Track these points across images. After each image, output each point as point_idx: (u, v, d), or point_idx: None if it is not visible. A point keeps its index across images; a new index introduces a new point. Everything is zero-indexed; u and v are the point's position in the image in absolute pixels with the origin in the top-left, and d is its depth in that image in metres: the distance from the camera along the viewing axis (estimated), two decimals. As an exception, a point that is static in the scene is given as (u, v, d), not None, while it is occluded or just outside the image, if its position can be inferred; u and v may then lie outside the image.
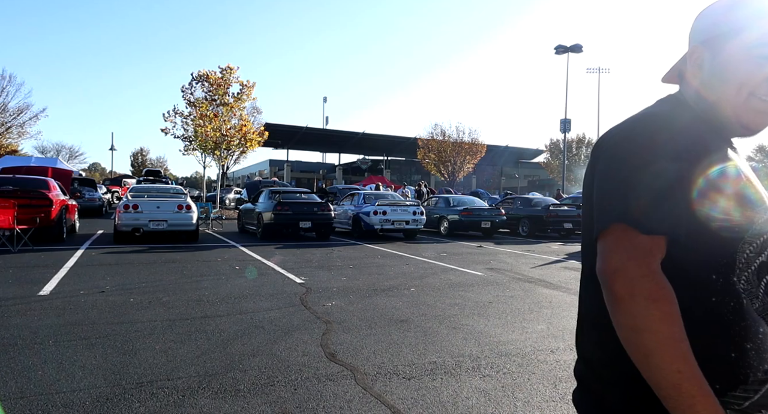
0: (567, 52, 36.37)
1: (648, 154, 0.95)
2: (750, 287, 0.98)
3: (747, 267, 0.98)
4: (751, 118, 1.02)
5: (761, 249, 0.99)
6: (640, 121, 1.03)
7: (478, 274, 8.66)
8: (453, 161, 41.92)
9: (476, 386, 3.64)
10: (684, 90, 1.12)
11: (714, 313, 0.96)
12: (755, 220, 0.99)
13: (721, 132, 1.06)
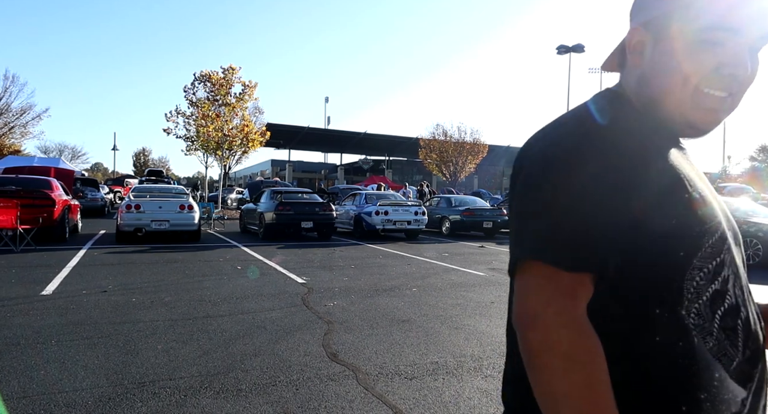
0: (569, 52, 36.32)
1: (573, 172, 0.78)
2: (702, 322, 0.80)
3: (697, 297, 0.80)
4: (699, 116, 0.86)
5: (714, 275, 0.81)
6: (567, 129, 0.85)
7: (480, 274, 8.65)
8: (455, 161, 41.90)
9: (478, 386, 3.63)
10: (624, 81, 0.94)
11: (659, 357, 0.79)
12: (705, 241, 0.81)
13: (666, 132, 0.89)
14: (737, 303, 0.84)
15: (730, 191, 21.44)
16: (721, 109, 0.86)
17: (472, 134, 42.86)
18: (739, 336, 0.82)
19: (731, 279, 0.83)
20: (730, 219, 0.90)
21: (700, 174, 0.91)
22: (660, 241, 0.79)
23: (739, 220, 11.08)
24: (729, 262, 0.84)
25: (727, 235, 0.85)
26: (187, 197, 14.01)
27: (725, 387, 0.80)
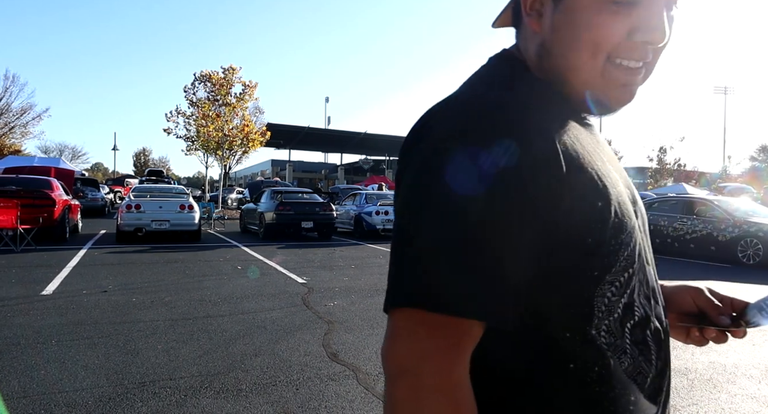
0: (569, 52, 36.20)
1: (462, 185, 0.61)
2: (614, 340, 0.69)
3: (608, 314, 0.68)
4: (612, 94, 0.71)
5: (625, 287, 0.70)
6: (469, 117, 0.65)
7: (480, 274, 8.65)
8: (455, 161, 41.83)
9: (478, 386, 3.63)
10: (522, 46, 0.77)
11: (574, 387, 0.67)
12: (621, 254, 0.68)
13: (573, 113, 0.74)
14: (645, 313, 0.72)
15: (730, 191, 21.44)
16: (635, 83, 0.72)
17: (473, 134, 42.82)
18: (651, 349, 0.72)
19: (637, 287, 0.71)
20: (637, 201, 0.76)
21: (610, 156, 0.77)
22: (572, 265, 0.66)
23: (739, 220, 11.09)
24: (638, 269, 0.71)
25: (639, 237, 0.72)
26: (187, 197, 14.02)
27: (639, 409, 0.70)
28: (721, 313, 0.82)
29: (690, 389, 3.72)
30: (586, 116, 0.77)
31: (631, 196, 0.75)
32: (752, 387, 3.81)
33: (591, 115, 0.77)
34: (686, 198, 13.58)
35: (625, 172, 0.79)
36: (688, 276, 9.03)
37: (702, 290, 0.84)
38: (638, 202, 0.76)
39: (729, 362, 4.33)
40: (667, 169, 40.49)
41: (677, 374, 4.01)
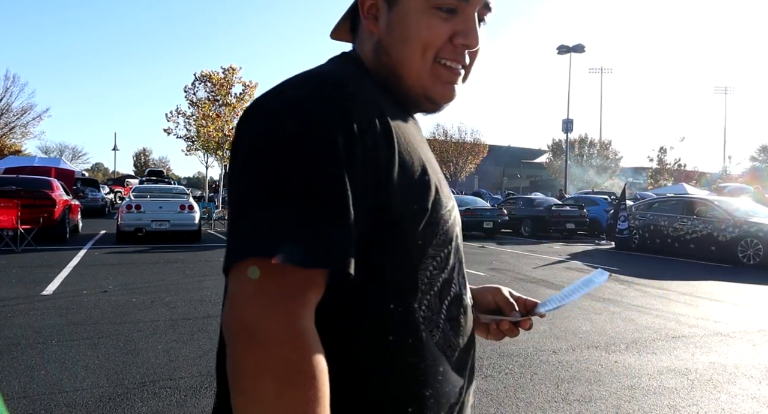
0: (569, 52, 36.28)
1: (304, 146, 0.64)
2: (431, 315, 0.74)
3: (429, 288, 0.74)
4: (439, 90, 0.80)
5: (445, 263, 0.77)
6: (296, 94, 0.69)
7: (480, 274, 8.66)
8: (455, 161, 41.92)
9: (478, 387, 3.63)
10: (360, 50, 0.84)
11: (390, 358, 0.71)
12: (440, 228, 0.75)
13: (403, 107, 0.82)
14: (460, 291, 0.80)
15: (730, 191, 21.43)
16: (457, 82, 0.82)
17: (473, 134, 42.92)
18: (461, 325, 0.80)
19: (457, 266, 0.80)
20: (452, 198, 0.86)
21: (430, 152, 0.86)
22: (399, 229, 0.71)
23: (739, 220, 11.09)
24: (455, 249, 0.79)
25: (456, 223, 0.81)
26: (187, 197, 14.02)
27: (447, 379, 0.76)
28: (514, 309, 0.95)
29: (690, 389, 3.72)
30: (413, 115, 0.86)
31: (448, 188, 0.85)
32: (752, 387, 3.81)
33: (422, 111, 0.86)
34: (686, 198, 13.60)
35: None
36: (688, 276, 9.03)
37: (500, 289, 0.98)
38: (452, 199, 0.85)
39: (729, 363, 4.33)
40: (668, 169, 40.49)
41: (677, 374, 4.01)
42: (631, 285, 7.99)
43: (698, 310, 6.37)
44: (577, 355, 4.41)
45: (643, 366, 4.19)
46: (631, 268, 9.76)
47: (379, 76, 0.81)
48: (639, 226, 13.09)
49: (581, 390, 3.64)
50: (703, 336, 5.15)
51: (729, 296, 7.30)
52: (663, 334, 5.19)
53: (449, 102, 0.83)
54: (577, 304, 6.49)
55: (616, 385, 3.75)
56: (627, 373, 4.02)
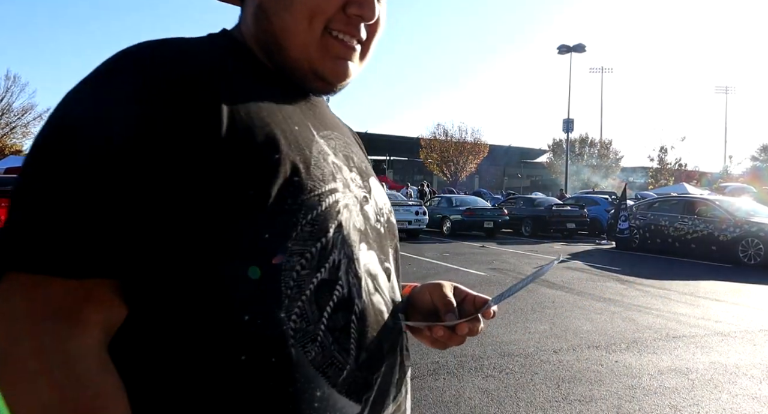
0: (570, 51, 36.30)
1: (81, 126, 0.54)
2: (305, 325, 0.60)
3: (299, 293, 0.60)
4: (329, 66, 0.69)
5: (319, 260, 0.62)
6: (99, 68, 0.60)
7: (480, 274, 8.66)
8: (455, 161, 41.92)
9: (479, 386, 3.64)
10: (244, 14, 0.74)
11: (243, 384, 0.57)
12: (301, 216, 0.61)
13: (293, 85, 0.72)
14: (350, 294, 0.64)
15: (731, 191, 21.43)
16: (351, 59, 0.71)
17: (473, 134, 42.93)
18: (351, 337, 0.64)
19: (344, 265, 0.64)
20: (372, 190, 0.75)
21: (336, 133, 0.75)
22: (235, 221, 0.58)
23: (740, 220, 11.09)
24: (340, 242, 0.64)
25: (343, 207, 0.66)
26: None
27: (330, 407, 0.60)
28: (450, 309, 0.76)
29: (691, 389, 3.72)
30: (310, 96, 0.75)
31: (362, 182, 0.74)
32: (753, 387, 3.80)
33: (314, 91, 0.75)
34: (687, 198, 13.60)
35: (364, 159, 0.80)
36: (689, 276, 9.03)
37: (441, 286, 0.80)
38: (373, 191, 0.76)
39: (730, 362, 4.33)
40: (668, 169, 40.48)
41: (678, 374, 4.01)
42: (632, 285, 7.99)
43: (699, 309, 6.37)
44: (577, 355, 4.41)
45: (644, 366, 4.19)
46: (631, 268, 9.75)
47: (261, 46, 0.70)
48: (640, 226, 13.08)
49: (582, 390, 3.64)
50: (703, 336, 5.15)
51: (730, 296, 7.29)
52: (664, 333, 5.19)
53: (342, 81, 0.73)
54: (578, 303, 6.49)
55: (617, 385, 3.75)
56: (628, 372, 4.02)
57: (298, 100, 0.72)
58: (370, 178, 0.78)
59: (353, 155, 0.76)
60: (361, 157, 0.80)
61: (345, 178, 0.69)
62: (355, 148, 0.79)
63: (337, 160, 0.70)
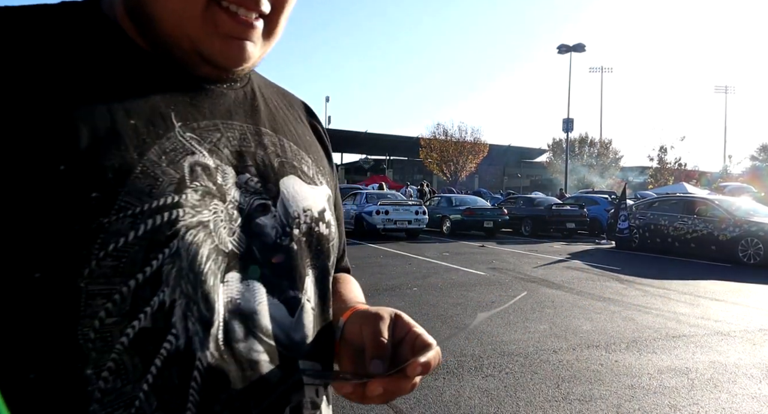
0: (570, 51, 36.31)
1: None
2: (120, 385, 0.47)
3: (108, 347, 0.46)
4: (215, 46, 0.54)
5: (136, 303, 0.48)
6: None
7: (480, 273, 8.66)
8: (455, 161, 41.91)
9: (479, 386, 3.64)
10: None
11: None
12: (95, 244, 0.46)
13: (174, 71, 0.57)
14: (189, 346, 0.50)
15: (731, 191, 21.44)
16: (248, 38, 0.56)
17: (473, 134, 42.93)
18: (189, 399, 0.50)
19: (180, 306, 0.49)
20: (287, 193, 0.60)
21: (243, 120, 0.61)
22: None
23: (739, 219, 11.09)
24: (175, 277, 0.49)
25: (189, 227, 0.51)
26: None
27: None
28: (380, 354, 0.56)
29: (691, 389, 3.72)
30: (203, 84, 0.59)
31: (262, 185, 0.58)
32: (753, 387, 3.80)
33: (200, 74, 0.58)
34: (687, 198, 13.61)
35: (284, 154, 0.63)
36: (689, 276, 9.03)
37: (376, 317, 0.59)
38: (286, 194, 0.60)
39: (730, 362, 4.33)
40: (668, 169, 40.49)
41: (678, 374, 4.01)
42: (632, 284, 7.99)
43: (699, 309, 6.37)
44: (577, 355, 4.41)
45: (644, 365, 4.19)
46: (631, 268, 9.76)
47: (131, 17, 0.56)
48: (639, 226, 13.09)
49: (582, 389, 3.64)
50: (703, 335, 5.15)
51: (729, 296, 7.30)
52: (663, 333, 5.19)
53: (237, 66, 0.57)
54: (578, 303, 6.49)
55: (617, 385, 3.74)
56: (627, 372, 4.02)
57: (182, 86, 0.57)
58: (283, 178, 0.61)
59: (257, 151, 0.60)
60: (282, 152, 0.63)
61: (211, 186, 0.53)
62: (270, 140, 0.62)
63: (209, 160, 0.54)
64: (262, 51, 0.59)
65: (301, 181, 0.63)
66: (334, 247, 0.68)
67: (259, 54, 0.59)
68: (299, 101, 0.77)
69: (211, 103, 0.58)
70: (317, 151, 0.71)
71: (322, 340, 0.62)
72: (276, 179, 0.60)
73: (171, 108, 0.55)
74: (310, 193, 0.64)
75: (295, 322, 0.58)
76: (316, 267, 0.63)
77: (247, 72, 0.62)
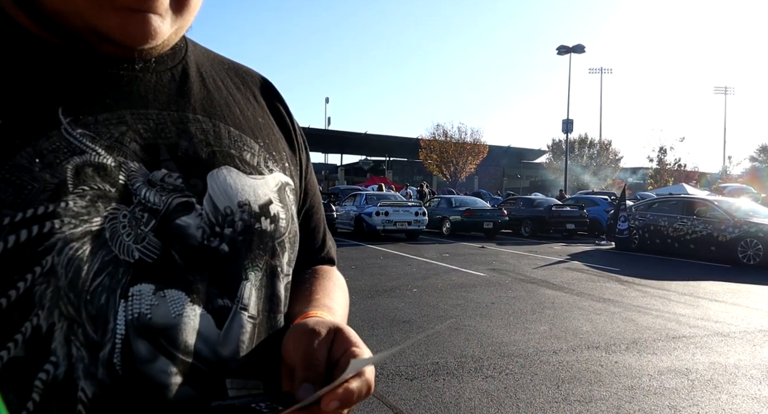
0: (569, 52, 36.31)
1: None
2: None
3: None
4: (112, 21, 0.46)
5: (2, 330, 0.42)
6: None
7: (480, 274, 8.66)
8: (455, 162, 41.92)
9: (479, 387, 3.64)
10: None
11: None
12: None
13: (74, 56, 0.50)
14: (72, 373, 0.44)
15: (730, 192, 21.45)
16: (151, 10, 0.47)
17: (473, 134, 42.95)
18: None
19: (61, 330, 0.44)
20: (216, 187, 0.53)
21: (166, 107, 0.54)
22: None
23: (739, 220, 11.09)
24: (52, 297, 0.43)
25: (70, 239, 0.44)
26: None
27: None
28: (310, 378, 0.47)
29: (691, 390, 3.72)
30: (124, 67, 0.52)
31: (183, 181, 0.51)
32: (753, 387, 3.80)
33: (107, 59, 0.51)
34: (686, 198, 13.62)
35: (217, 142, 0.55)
36: (689, 276, 9.03)
37: (312, 334, 0.51)
38: (216, 189, 0.53)
39: (729, 363, 4.33)
40: (668, 170, 40.50)
41: (678, 375, 4.01)
42: (632, 285, 7.99)
43: (699, 310, 6.37)
44: (577, 356, 4.41)
45: (644, 366, 4.19)
46: (631, 269, 9.76)
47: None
48: (639, 227, 13.11)
49: (582, 390, 3.64)
50: (703, 336, 5.15)
51: (729, 296, 7.30)
52: (663, 334, 5.19)
53: (142, 43, 0.49)
54: (578, 304, 6.49)
55: (617, 386, 3.74)
56: (627, 373, 4.02)
57: (82, 75, 0.49)
58: (212, 170, 0.53)
59: (179, 141, 0.53)
60: (216, 139, 0.55)
61: (107, 187, 0.47)
62: (199, 127, 0.55)
63: (105, 158, 0.48)
64: (176, 25, 0.51)
65: (239, 172, 0.55)
66: (288, 243, 0.59)
67: (172, 29, 0.50)
68: (257, 79, 0.68)
69: (117, 93, 0.51)
70: (271, 134, 0.62)
71: (263, 354, 0.54)
72: (203, 172, 0.53)
73: (60, 101, 0.47)
74: (249, 185, 0.55)
75: (224, 335, 0.51)
76: (260, 269, 0.55)
77: (163, 51, 0.54)
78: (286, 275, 0.60)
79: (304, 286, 0.66)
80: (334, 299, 0.65)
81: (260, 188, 0.57)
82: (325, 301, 0.62)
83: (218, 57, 0.66)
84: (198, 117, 0.55)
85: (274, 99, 0.68)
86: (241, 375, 0.52)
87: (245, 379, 0.52)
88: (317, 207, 0.72)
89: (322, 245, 0.75)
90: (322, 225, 0.75)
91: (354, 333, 0.52)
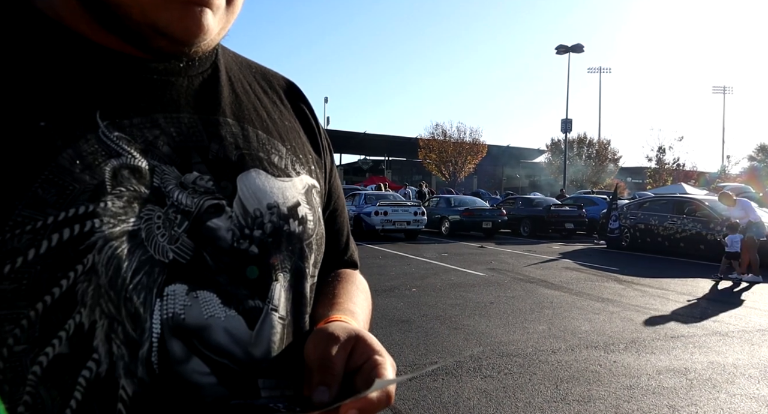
0: (568, 52, 36.34)
1: None
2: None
3: (18, 377, 0.42)
4: (173, 15, 0.48)
5: (47, 328, 0.43)
6: None
7: (479, 274, 8.66)
8: (454, 161, 41.92)
9: (477, 387, 3.64)
10: None
11: None
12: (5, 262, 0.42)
13: (119, 61, 0.51)
14: (113, 372, 0.45)
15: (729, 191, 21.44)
16: (208, 6, 0.49)
17: (472, 134, 42.94)
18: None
19: (102, 328, 0.45)
20: (246, 190, 0.54)
21: (193, 112, 0.54)
22: None
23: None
24: (93, 295, 0.44)
25: (109, 239, 0.45)
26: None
27: None
28: (327, 381, 0.48)
29: (689, 389, 3.72)
30: (155, 70, 0.53)
31: (214, 184, 0.52)
32: (751, 387, 3.81)
33: (163, 55, 0.52)
34: (677, 198, 13.80)
35: (246, 145, 0.56)
36: (687, 276, 9.04)
37: (332, 338, 0.51)
38: (245, 191, 0.54)
39: (728, 362, 4.34)
40: (666, 169, 40.54)
41: (676, 374, 4.02)
42: (630, 285, 8.00)
43: (697, 309, 6.38)
44: (576, 355, 4.42)
45: (642, 366, 4.20)
46: (630, 268, 9.77)
47: (71, 7, 0.49)
48: (630, 226, 13.24)
49: (580, 390, 3.64)
50: (701, 336, 5.16)
51: (728, 296, 7.31)
52: (662, 333, 5.20)
53: (194, 38, 0.50)
54: (576, 304, 6.50)
55: (615, 385, 3.75)
56: (626, 373, 4.03)
57: (120, 78, 0.51)
58: (242, 173, 0.54)
59: (210, 145, 0.54)
60: (245, 143, 0.57)
61: (142, 189, 0.48)
62: (230, 131, 0.56)
63: (140, 161, 0.49)
64: (223, 22, 0.52)
65: (268, 175, 0.56)
66: (315, 245, 0.60)
67: (220, 26, 0.52)
68: (283, 81, 0.70)
69: (151, 97, 0.52)
70: (297, 137, 0.64)
71: (292, 354, 0.54)
72: (233, 175, 0.53)
73: (98, 105, 0.49)
74: (278, 187, 0.56)
75: (255, 336, 0.51)
76: (288, 271, 0.56)
77: (206, 51, 0.54)
78: (312, 277, 0.60)
79: (327, 289, 0.66)
80: (356, 304, 0.65)
81: (288, 190, 0.58)
82: (348, 306, 0.63)
83: (246, 61, 0.67)
84: (228, 120, 0.56)
85: (299, 101, 0.69)
86: (273, 375, 0.53)
87: (277, 379, 0.53)
88: (341, 209, 0.73)
89: (346, 248, 0.76)
90: (346, 228, 0.75)
91: (376, 340, 0.52)
